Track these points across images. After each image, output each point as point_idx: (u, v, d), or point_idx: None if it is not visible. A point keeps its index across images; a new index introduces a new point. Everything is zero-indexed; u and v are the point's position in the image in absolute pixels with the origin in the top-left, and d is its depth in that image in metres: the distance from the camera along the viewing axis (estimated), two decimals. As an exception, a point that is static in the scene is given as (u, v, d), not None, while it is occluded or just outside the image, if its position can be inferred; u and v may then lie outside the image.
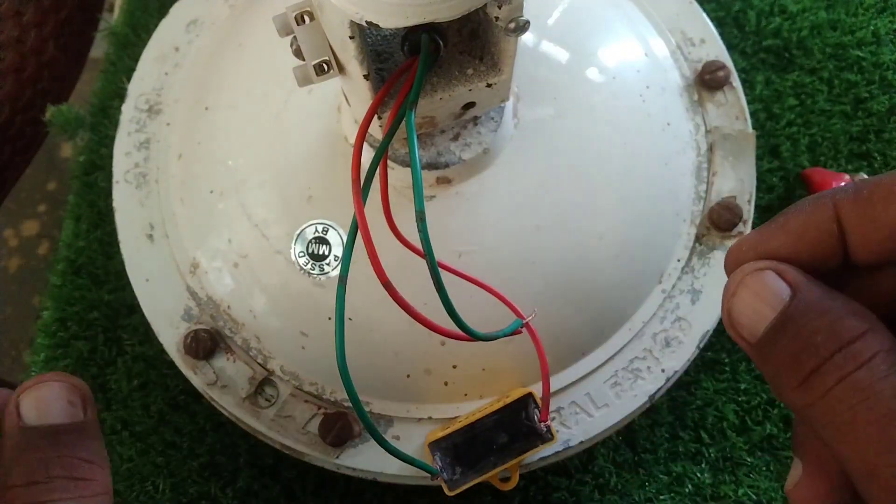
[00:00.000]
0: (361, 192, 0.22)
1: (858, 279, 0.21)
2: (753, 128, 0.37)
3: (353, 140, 0.29)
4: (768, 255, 0.20)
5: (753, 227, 0.36)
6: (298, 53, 0.24)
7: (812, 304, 0.19)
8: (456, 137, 0.29)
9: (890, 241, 0.19)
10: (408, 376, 0.31)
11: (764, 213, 0.39)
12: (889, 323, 0.19)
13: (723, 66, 0.37)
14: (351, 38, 0.22)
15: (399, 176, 0.30)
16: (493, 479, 0.30)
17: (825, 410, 0.18)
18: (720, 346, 0.37)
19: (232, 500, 0.35)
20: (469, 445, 0.29)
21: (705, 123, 0.36)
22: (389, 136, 0.23)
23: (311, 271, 0.31)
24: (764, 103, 0.41)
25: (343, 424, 0.31)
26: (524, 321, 0.26)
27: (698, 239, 0.35)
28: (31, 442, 0.22)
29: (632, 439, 0.36)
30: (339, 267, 0.25)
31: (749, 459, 0.36)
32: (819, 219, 0.20)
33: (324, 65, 0.24)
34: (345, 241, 0.27)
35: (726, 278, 0.21)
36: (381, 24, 0.21)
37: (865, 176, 0.37)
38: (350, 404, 0.27)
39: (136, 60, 0.39)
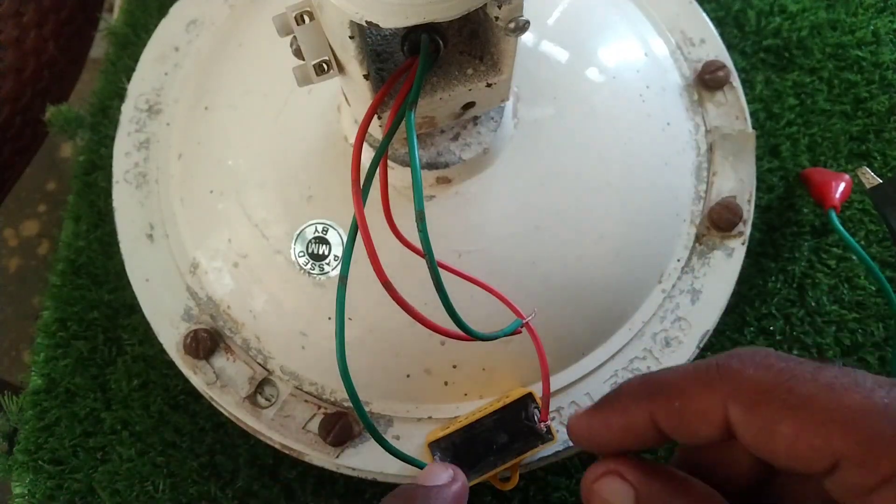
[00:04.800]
0: (361, 192, 0.22)
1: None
2: (753, 128, 0.37)
3: (353, 140, 0.29)
4: (602, 447, 0.23)
5: (753, 227, 0.36)
6: (298, 53, 0.23)
7: None
8: (456, 137, 0.29)
9: (709, 435, 0.20)
10: (408, 376, 0.31)
11: (764, 212, 0.39)
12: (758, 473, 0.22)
13: (723, 66, 0.37)
14: (351, 38, 0.22)
15: (399, 176, 0.30)
16: (493, 479, 0.30)
17: None
18: (720, 346, 0.37)
19: (232, 500, 0.35)
20: (469, 445, 0.29)
21: (705, 123, 0.36)
22: (389, 136, 0.23)
23: (311, 271, 0.31)
24: (764, 103, 0.41)
25: (343, 424, 0.31)
26: (524, 321, 0.26)
27: (698, 239, 0.35)
28: None
29: (632, 439, 0.36)
30: (339, 267, 0.25)
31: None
32: (637, 422, 0.21)
33: (324, 65, 0.24)
34: (345, 241, 0.27)
35: (726, 280, 0.21)
36: (381, 24, 0.21)
37: (867, 170, 0.36)
38: (350, 404, 0.27)
39: (136, 60, 0.39)
